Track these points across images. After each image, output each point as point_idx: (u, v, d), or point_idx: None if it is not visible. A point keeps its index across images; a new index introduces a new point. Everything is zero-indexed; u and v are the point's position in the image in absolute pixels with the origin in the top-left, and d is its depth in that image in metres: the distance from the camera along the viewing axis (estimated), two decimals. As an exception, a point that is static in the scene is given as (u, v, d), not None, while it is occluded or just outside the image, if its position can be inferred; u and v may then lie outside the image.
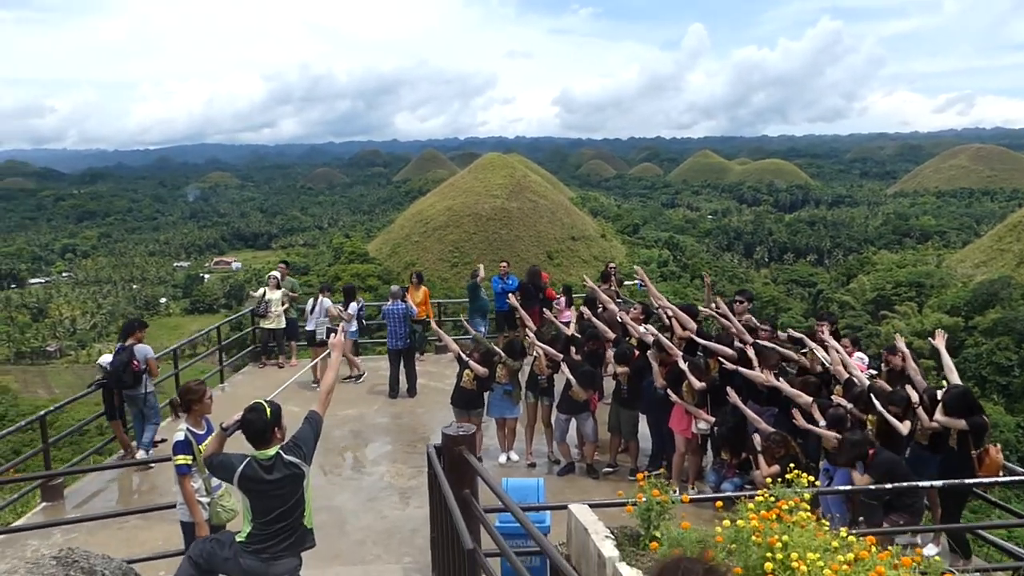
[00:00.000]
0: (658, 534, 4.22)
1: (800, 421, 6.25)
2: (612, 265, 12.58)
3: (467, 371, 8.11)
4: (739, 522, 3.60)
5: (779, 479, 4.47)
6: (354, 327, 11.75)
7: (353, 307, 11.57)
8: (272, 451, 4.03)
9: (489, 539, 4.15)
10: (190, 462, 5.11)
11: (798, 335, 7.89)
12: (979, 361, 35.53)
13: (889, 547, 3.57)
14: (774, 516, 3.60)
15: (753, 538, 3.53)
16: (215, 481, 5.15)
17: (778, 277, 69.63)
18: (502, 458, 8.37)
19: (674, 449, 7.63)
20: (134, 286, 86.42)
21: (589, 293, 10.48)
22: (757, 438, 6.46)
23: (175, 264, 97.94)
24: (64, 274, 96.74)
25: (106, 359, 8.77)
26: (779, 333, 8.19)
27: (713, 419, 7.16)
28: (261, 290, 12.74)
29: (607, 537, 4.40)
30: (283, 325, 12.42)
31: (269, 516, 4.00)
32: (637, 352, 8.02)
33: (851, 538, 3.48)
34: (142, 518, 6.78)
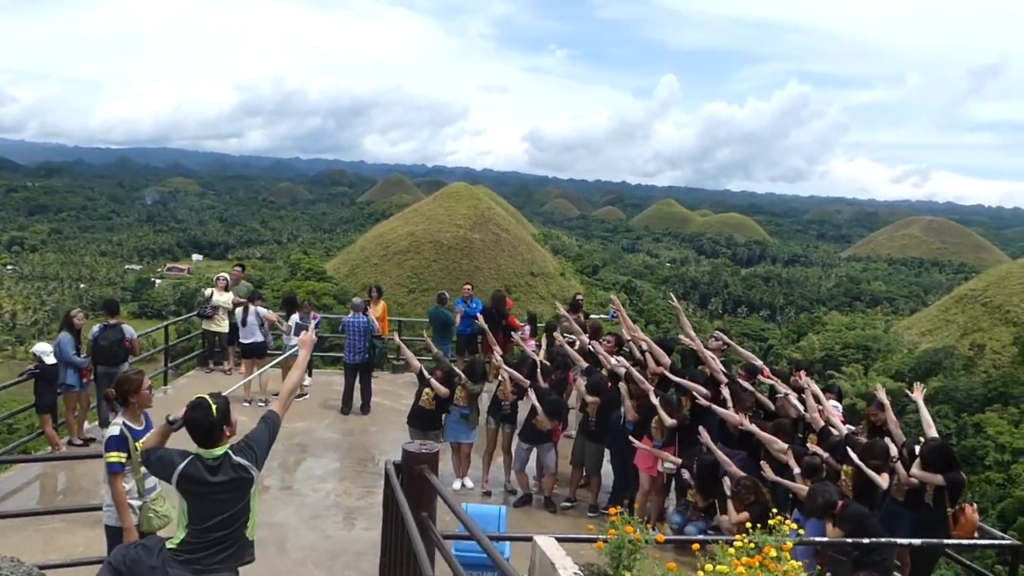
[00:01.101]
0: (628, 575, 4.03)
1: (768, 473, 6.11)
2: (579, 296, 12.43)
3: (427, 390, 7.90)
4: (720, 567, 3.43)
5: (750, 526, 4.33)
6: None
7: (294, 318, 11.08)
8: (220, 450, 3.70)
9: (444, 568, 3.85)
10: (123, 460, 4.71)
11: (771, 380, 7.70)
12: (919, 427, 36.16)
13: None
14: (757, 564, 3.45)
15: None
16: (149, 482, 4.80)
17: (731, 329, 70.13)
18: (456, 484, 8.08)
19: (637, 487, 7.43)
20: (82, 285, 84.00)
21: (553, 322, 10.41)
22: (727, 482, 6.27)
23: (127, 266, 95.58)
24: (8, 267, 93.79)
25: (42, 348, 8.46)
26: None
27: (679, 460, 6.98)
28: (208, 290, 12.35)
29: (575, 574, 4.16)
30: (226, 329, 11.99)
31: (208, 523, 3.63)
32: (608, 384, 7.89)
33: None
34: (64, 519, 6.41)
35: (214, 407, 3.75)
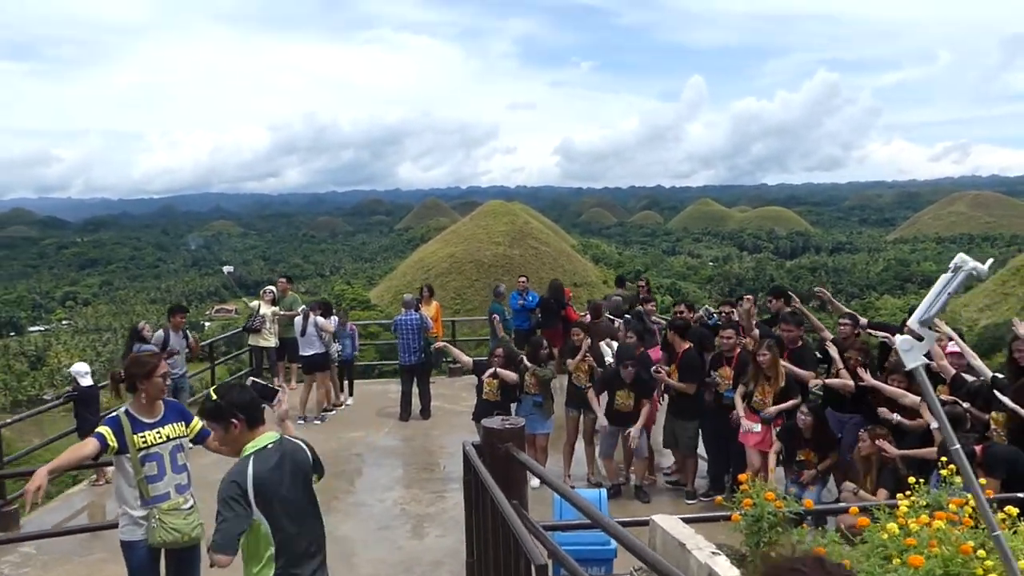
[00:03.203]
0: (773, 553, 3.55)
1: (889, 448, 5.60)
2: (641, 283, 12.61)
3: (488, 380, 7.48)
4: (911, 524, 3.07)
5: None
6: (344, 348, 10.89)
7: (333, 321, 10.64)
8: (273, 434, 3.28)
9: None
10: (111, 440, 4.05)
11: (879, 334, 7.08)
12: None
13: None
14: (944, 522, 3.12)
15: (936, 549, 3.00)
16: (158, 487, 4.13)
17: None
18: (534, 482, 7.73)
19: (740, 466, 6.86)
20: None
21: (597, 300, 10.39)
22: (864, 445, 5.76)
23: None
24: (64, 322, 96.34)
25: (78, 368, 8.20)
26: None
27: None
28: (256, 303, 11.90)
29: (714, 553, 3.54)
30: (275, 344, 11.61)
31: (295, 528, 3.15)
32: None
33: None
34: (109, 550, 6.01)
35: (214, 395, 3.34)
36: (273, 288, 12.03)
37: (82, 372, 8.17)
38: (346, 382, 11.49)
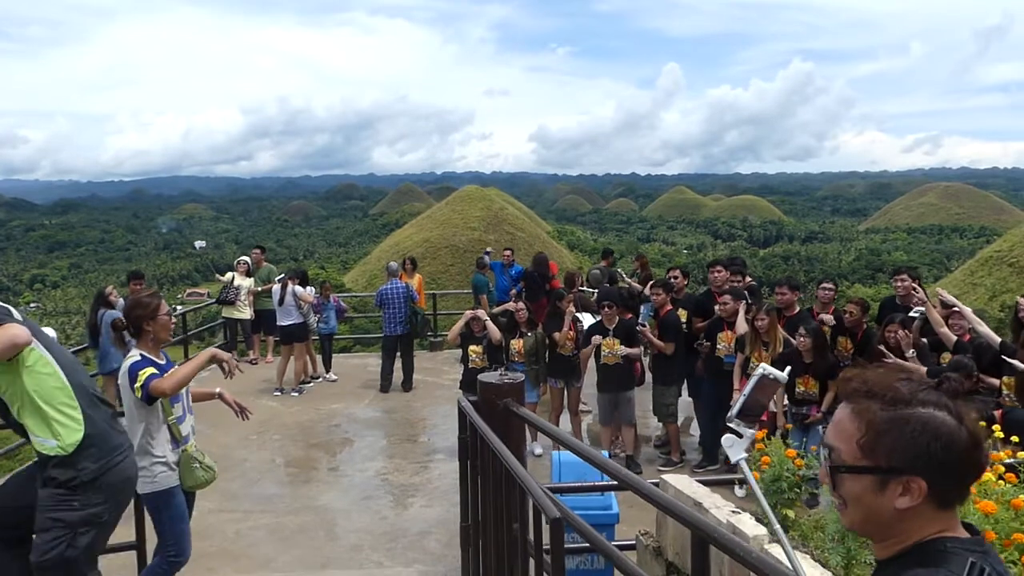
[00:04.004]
0: (791, 514, 3.31)
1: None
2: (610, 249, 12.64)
3: (473, 348, 7.50)
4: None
5: None
6: (329, 321, 10.70)
7: (310, 291, 10.49)
8: None
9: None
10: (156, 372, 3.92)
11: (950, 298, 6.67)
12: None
13: None
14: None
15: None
16: (185, 427, 4.17)
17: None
18: (536, 448, 7.62)
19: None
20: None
21: (572, 270, 10.41)
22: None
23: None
24: (32, 304, 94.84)
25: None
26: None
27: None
28: (229, 274, 11.64)
29: (734, 511, 3.30)
30: (250, 316, 11.39)
31: None
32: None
33: None
34: None
35: None
36: (247, 259, 11.79)
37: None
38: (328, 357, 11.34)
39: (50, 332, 8.09)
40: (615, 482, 3.08)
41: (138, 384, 3.88)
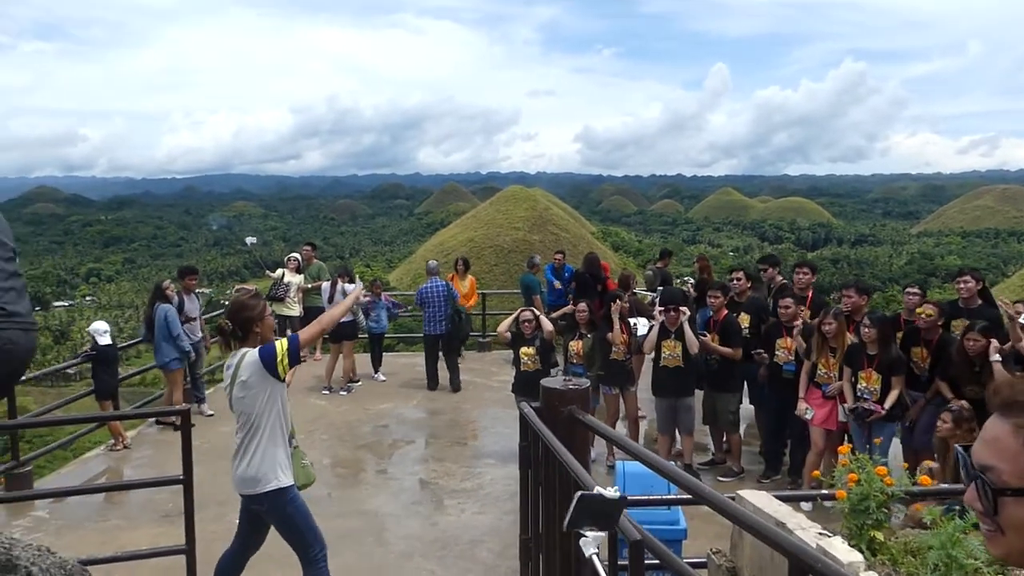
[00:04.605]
0: (880, 536, 3.07)
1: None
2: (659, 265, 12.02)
3: (525, 349, 7.32)
4: None
5: None
6: (380, 320, 10.56)
7: (356, 286, 10.54)
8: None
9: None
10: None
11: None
12: None
13: None
14: None
15: None
16: (289, 426, 4.06)
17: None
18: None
19: (799, 446, 6.54)
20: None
21: (627, 271, 10.23)
22: (944, 427, 5.20)
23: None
24: (88, 298, 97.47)
25: (96, 327, 8.09)
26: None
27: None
28: (280, 271, 11.66)
29: (822, 534, 3.06)
30: (299, 313, 11.37)
31: None
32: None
33: None
34: (125, 517, 6.12)
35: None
36: (298, 256, 11.77)
37: (100, 331, 8.07)
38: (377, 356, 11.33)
39: (102, 325, 8.26)
40: (688, 496, 2.76)
41: (280, 352, 3.80)
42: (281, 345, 3.81)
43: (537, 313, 7.80)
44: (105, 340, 8.06)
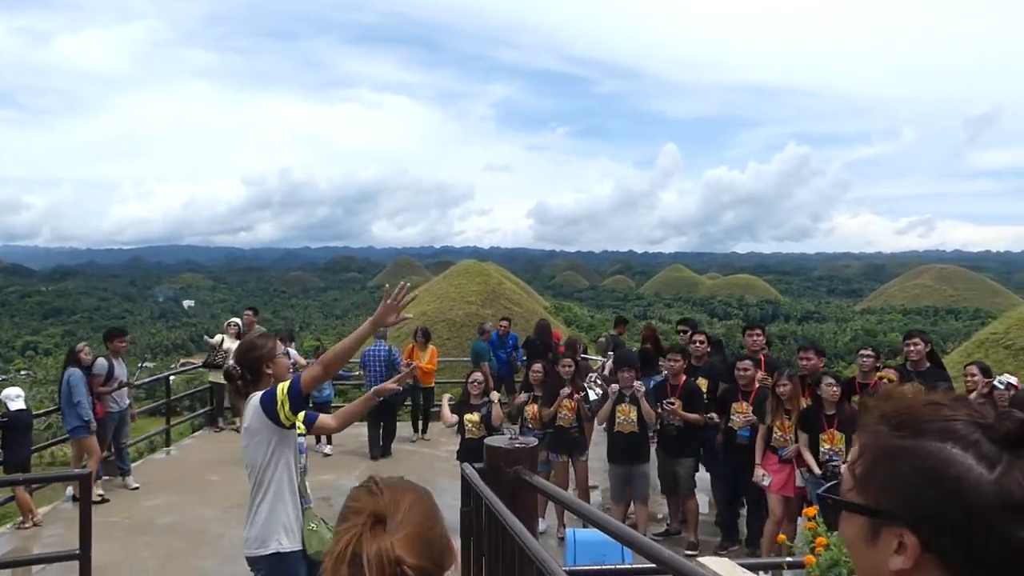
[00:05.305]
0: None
1: None
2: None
3: (469, 416, 7.18)
4: None
5: None
6: (322, 389, 10.31)
7: (293, 352, 10.04)
8: None
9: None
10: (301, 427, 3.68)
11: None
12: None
13: None
14: None
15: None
16: (305, 484, 3.87)
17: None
18: (540, 526, 7.24)
19: (755, 514, 6.41)
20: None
21: (574, 338, 10.23)
22: None
23: (141, 364, 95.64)
24: (22, 372, 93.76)
25: (10, 392, 7.73)
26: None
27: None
28: (219, 336, 11.31)
29: None
30: None
31: None
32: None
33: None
34: None
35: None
36: (238, 320, 11.45)
37: (12, 396, 7.71)
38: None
39: (14, 391, 7.78)
40: (648, 564, 2.58)
41: (281, 396, 3.38)
42: (282, 388, 3.43)
43: (486, 378, 7.56)
44: (17, 405, 7.65)
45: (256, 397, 3.51)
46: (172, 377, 12.22)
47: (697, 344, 7.95)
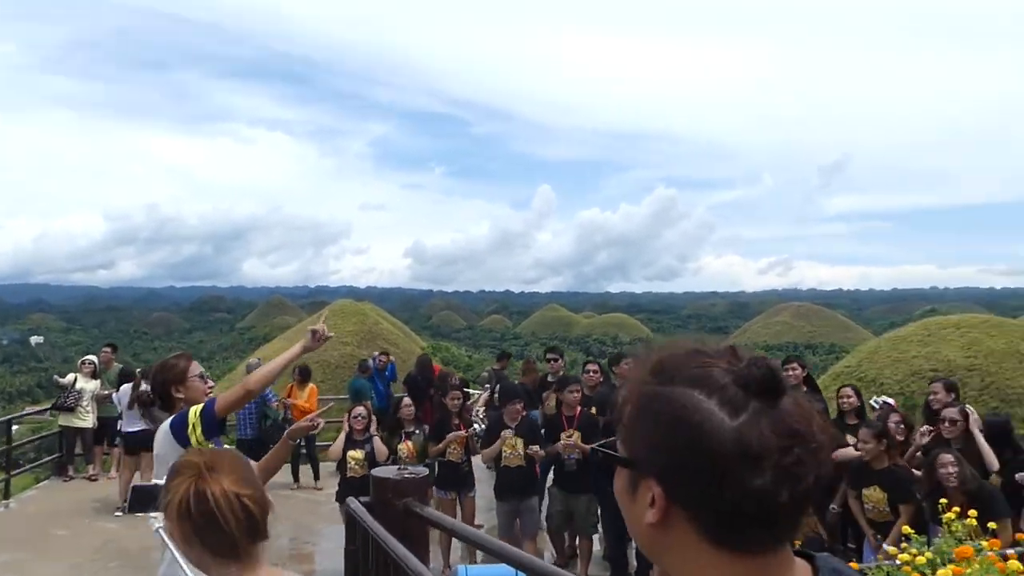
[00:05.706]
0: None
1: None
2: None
3: (352, 453, 6.77)
4: None
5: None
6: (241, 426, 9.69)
7: (126, 388, 9.23)
8: None
9: None
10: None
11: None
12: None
13: None
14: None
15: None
16: None
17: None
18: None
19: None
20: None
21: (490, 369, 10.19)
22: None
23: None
24: None
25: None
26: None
27: None
28: (71, 376, 10.23)
29: None
30: (93, 424, 10.02)
31: None
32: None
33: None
34: None
35: None
36: (94, 358, 10.45)
37: None
38: None
39: None
40: None
41: (193, 419, 2.95)
42: (194, 411, 3.01)
43: (369, 413, 7.17)
44: None
45: (166, 423, 3.10)
46: (15, 425, 10.97)
47: (591, 373, 7.91)
